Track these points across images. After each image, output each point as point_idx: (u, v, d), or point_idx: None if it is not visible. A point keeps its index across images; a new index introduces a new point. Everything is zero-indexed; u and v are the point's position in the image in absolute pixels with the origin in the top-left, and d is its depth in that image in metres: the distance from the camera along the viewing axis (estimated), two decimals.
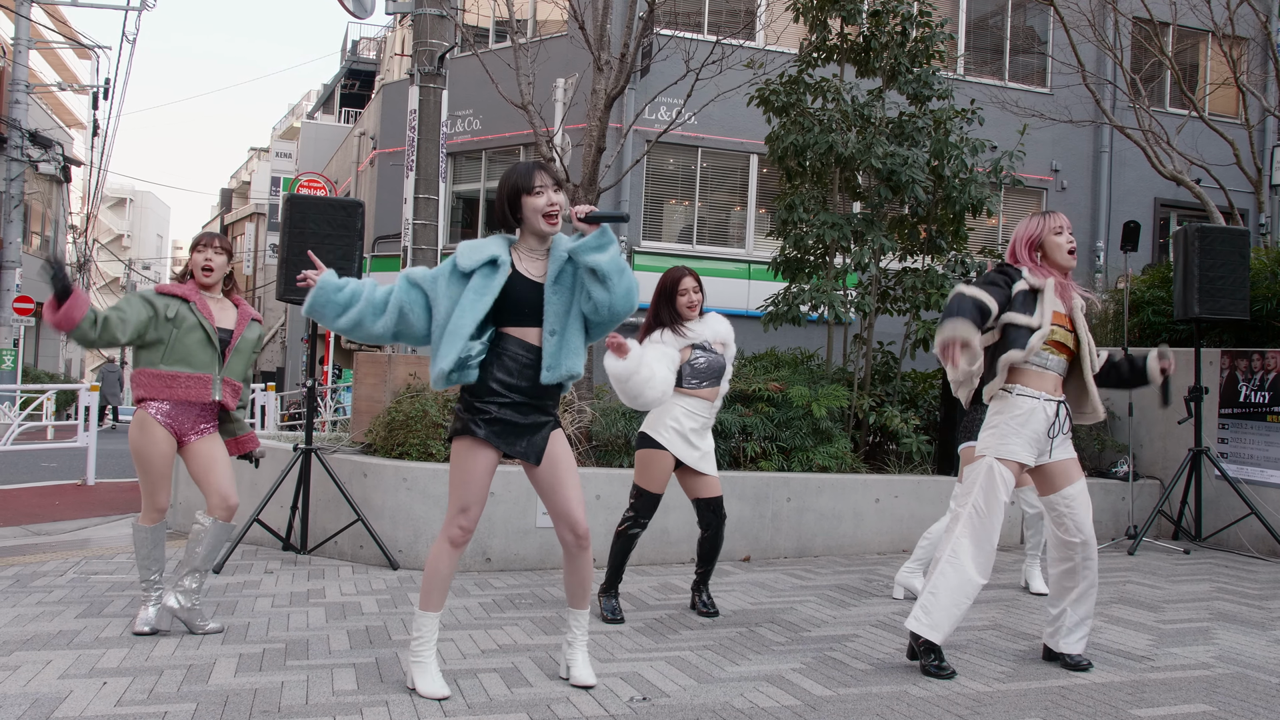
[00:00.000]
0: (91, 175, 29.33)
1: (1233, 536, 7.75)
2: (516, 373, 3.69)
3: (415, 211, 9.57)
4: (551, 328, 3.70)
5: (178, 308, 4.56)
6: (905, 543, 7.25)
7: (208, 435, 4.69)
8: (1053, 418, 4.28)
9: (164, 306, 4.54)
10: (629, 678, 4.10)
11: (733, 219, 18.35)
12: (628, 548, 5.20)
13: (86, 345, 4.52)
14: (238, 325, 4.76)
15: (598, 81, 8.80)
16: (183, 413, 4.59)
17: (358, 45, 35.51)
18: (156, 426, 4.53)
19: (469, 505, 3.73)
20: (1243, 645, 4.91)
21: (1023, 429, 4.25)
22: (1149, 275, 9.76)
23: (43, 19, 25.94)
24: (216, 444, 4.71)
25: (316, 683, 3.92)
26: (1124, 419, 8.43)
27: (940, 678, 4.18)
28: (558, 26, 17.91)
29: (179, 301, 4.59)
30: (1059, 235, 4.36)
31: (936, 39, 8.53)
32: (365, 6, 10.66)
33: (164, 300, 4.57)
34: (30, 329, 25.67)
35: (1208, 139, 14.02)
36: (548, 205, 3.70)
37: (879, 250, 8.03)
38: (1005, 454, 4.25)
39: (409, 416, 6.61)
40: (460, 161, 19.35)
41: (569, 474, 3.86)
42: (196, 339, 4.57)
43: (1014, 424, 4.27)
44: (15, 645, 4.27)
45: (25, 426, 11.92)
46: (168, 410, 4.55)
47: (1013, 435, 4.26)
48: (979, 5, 19.70)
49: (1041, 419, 4.27)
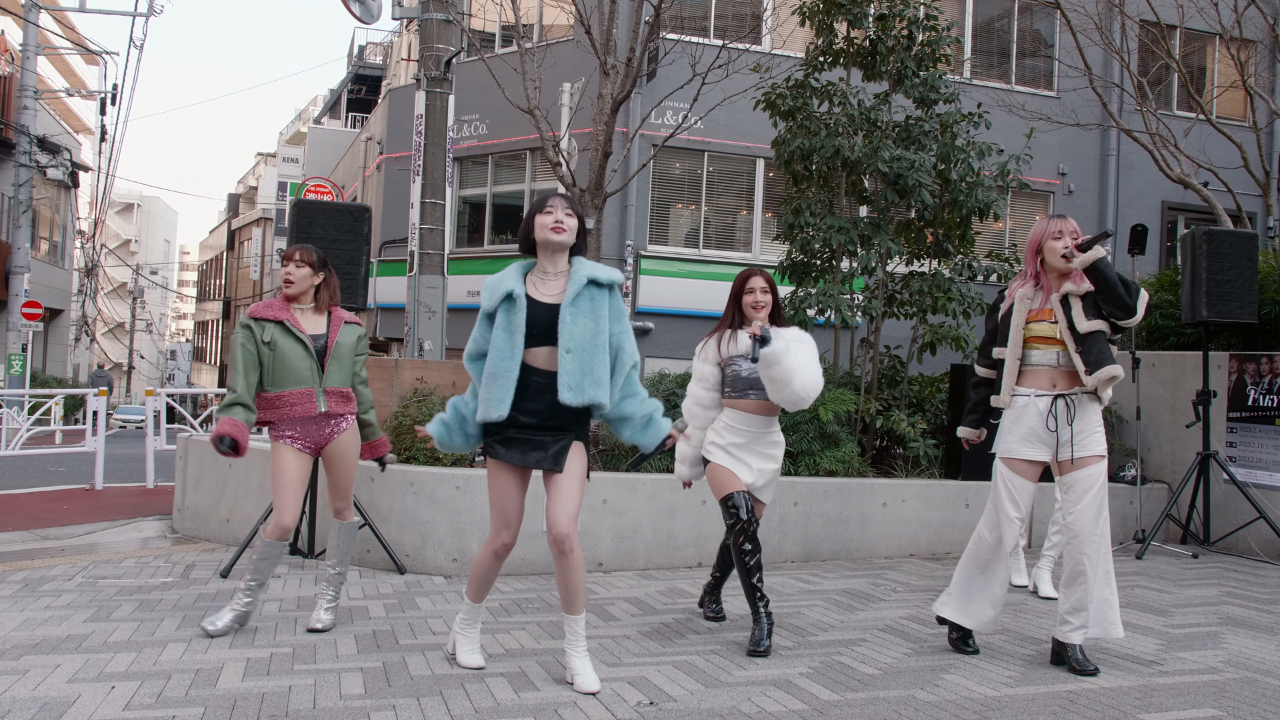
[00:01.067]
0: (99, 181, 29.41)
1: (1241, 540, 7.73)
2: (533, 395, 3.84)
3: (422, 216, 9.59)
4: (567, 346, 3.82)
5: (271, 331, 4.67)
6: (912, 547, 7.24)
7: (338, 437, 4.79)
8: (1046, 411, 4.46)
9: (259, 331, 4.66)
10: (636, 682, 4.10)
11: (739, 223, 18.35)
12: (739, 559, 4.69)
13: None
14: (330, 332, 4.79)
15: (604, 86, 8.82)
16: (304, 426, 4.70)
17: (364, 50, 35.61)
18: (283, 448, 4.67)
19: (509, 522, 4.00)
20: (1252, 650, 4.89)
21: (1016, 426, 4.52)
22: (1157, 278, 9.74)
23: (51, 25, 26.04)
24: (341, 448, 4.80)
25: (324, 687, 3.92)
26: (1132, 423, 8.41)
27: (962, 653, 4.65)
28: (564, 31, 17.93)
29: (272, 324, 4.68)
30: (1057, 240, 4.51)
31: (943, 43, 8.53)
32: (372, 11, 10.69)
33: (259, 325, 4.67)
34: (38, 334, 25.73)
35: (1215, 142, 13.99)
36: (554, 221, 3.92)
37: (885, 254, 8.02)
38: (1003, 451, 4.57)
39: (416, 421, 6.62)
40: (467, 166, 19.37)
41: (566, 481, 3.93)
42: (296, 354, 4.66)
43: (1008, 423, 4.58)
44: (24, 649, 4.28)
45: (34, 431, 11.95)
46: (291, 429, 4.68)
47: (1008, 433, 4.56)
48: (985, 9, 19.69)
49: (1034, 414, 4.48)
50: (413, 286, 9.73)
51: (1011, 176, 8.25)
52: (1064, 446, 4.45)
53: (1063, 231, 4.50)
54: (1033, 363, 4.52)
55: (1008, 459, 4.54)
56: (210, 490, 7.40)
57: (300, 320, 4.75)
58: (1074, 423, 4.45)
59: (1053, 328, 4.49)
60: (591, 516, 6.41)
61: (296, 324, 4.70)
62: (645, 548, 6.56)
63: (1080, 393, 4.48)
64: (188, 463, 7.65)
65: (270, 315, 4.69)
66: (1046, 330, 4.50)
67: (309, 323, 4.78)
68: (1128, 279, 4.44)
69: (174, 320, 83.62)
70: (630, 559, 6.52)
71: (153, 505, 8.99)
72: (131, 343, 54.22)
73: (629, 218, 17.19)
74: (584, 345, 3.84)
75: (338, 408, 4.77)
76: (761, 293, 4.85)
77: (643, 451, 4.24)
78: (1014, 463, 4.52)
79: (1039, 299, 4.57)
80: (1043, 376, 4.50)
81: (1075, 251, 4.42)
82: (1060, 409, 4.46)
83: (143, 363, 58.52)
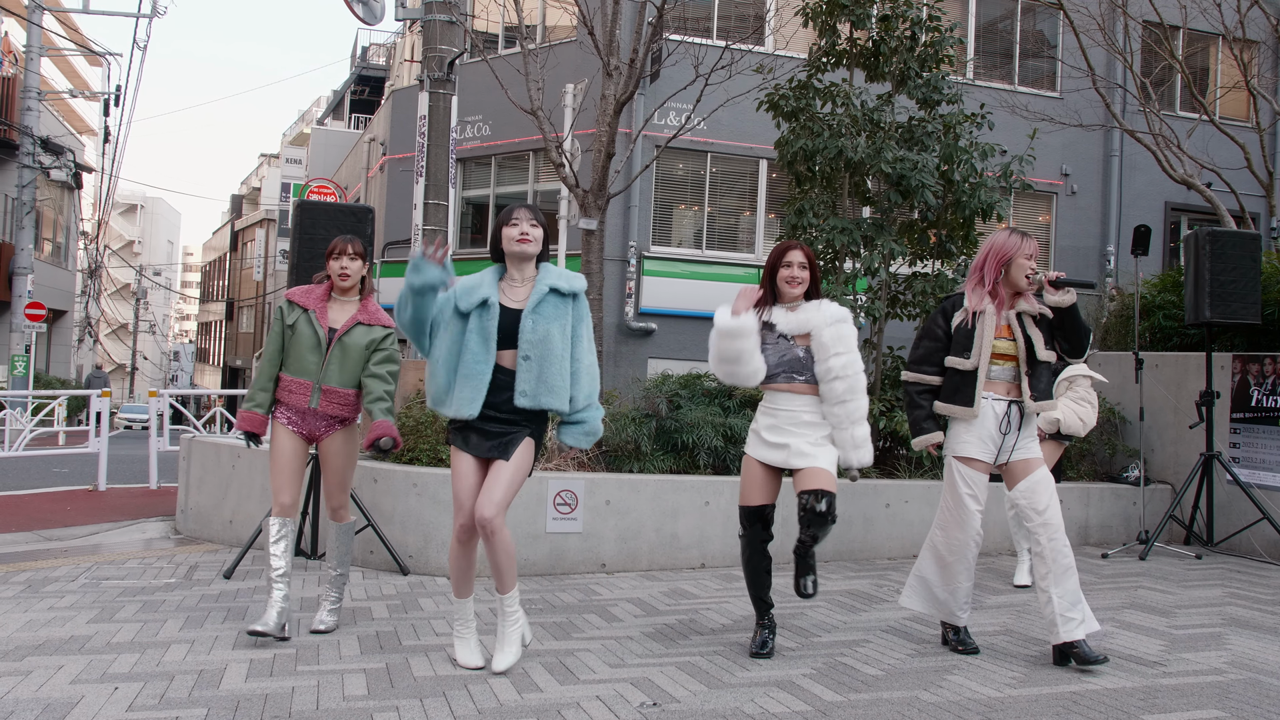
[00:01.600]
0: (102, 182, 29.43)
1: (1245, 541, 7.72)
2: (494, 390, 4.09)
3: (425, 217, 9.59)
4: (525, 353, 4.08)
5: (297, 316, 4.76)
6: (916, 548, 7.24)
7: (330, 436, 4.80)
8: (1002, 415, 4.63)
9: (288, 313, 4.78)
10: (639, 683, 4.10)
11: (742, 224, 18.34)
12: (747, 568, 4.65)
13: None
14: (342, 325, 4.75)
15: (607, 87, 8.82)
16: (301, 414, 4.74)
17: (368, 51, 35.64)
18: (279, 428, 4.76)
19: (463, 505, 4.17)
20: (1255, 650, 4.88)
21: (973, 428, 4.65)
22: (1160, 279, 9.73)
23: (54, 26, 26.08)
24: (333, 446, 4.81)
25: (327, 688, 3.93)
26: (1135, 424, 8.41)
27: (963, 653, 4.67)
28: (567, 32, 17.93)
29: (299, 310, 4.77)
30: (1029, 260, 4.64)
31: (946, 43, 8.52)
32: (375, 12, 10.70)
33: (290, 308, 4.79)
34: (42, 335, 25.76)
35: (1218, 143, 13.97)
36: (519, 233, 4.16)
37: (889, 255, 8.02)
38: (961, 452, 4.68)
39: (419, 422, 6.63)
40: (470, 167, 19.37)
41: (502, 470, 4.11)
42: (308, 344, 4.71)
43: (963, 425, 4.69)
44: (27, 650, 4.29)
45: (37, 432, 11.97)
46: (289, 414, 4.75)
47: (964, 434, 4.67)
48: (988, 9, 19.68)
49: (991, 416, 4.63)
50: None
51: (1015, 177, 8.25)
52: (1004, 452, 4.66)
53: (1034, 254, 4.67)
54: (992, 376, 4.68)
55: (967, 459, 4.66)
56: (213, 491, 7.41)
57: (330, 312, 4.78)
58: (1021, 429, 4.67)
59: (1011, 344, 4.66)
60: (595, 517, 6.41)
61: (321, 318, 4.74)
62: (648, 549, 6.56)
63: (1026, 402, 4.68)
64: (191, 464, 7.66)
65: (302, 301, 4.78)
66: (1006, 348, 4.66)
67: (341, 314, 4.80)
68: (1087, 326, 4.67)
69: (177, 321, 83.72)
70: (633, 560, 6.52)
71: (156, 506, 9.00)
72: (135, 344, 54.29)
73: (632, 219, 17.19)
74: (542, 353, 4.09)
75: (331, 409, 4.72)
76: (799, 268, 4.57)
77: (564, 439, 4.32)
78: (972, 461, 4.66)
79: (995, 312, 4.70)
80: (1000, 387, 4.68)
81: (1048, 286, 4.56)
82: (1015, 414, 4.66)
83: (146, 364, 58.59)
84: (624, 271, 17.08)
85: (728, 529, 6.67)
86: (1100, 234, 19.65)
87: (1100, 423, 8.40)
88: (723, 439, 6.98)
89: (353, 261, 4.79)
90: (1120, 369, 8.80)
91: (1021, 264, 4.61)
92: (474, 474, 4.18)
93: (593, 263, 9.13)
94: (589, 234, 9.22)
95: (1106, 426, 8.49)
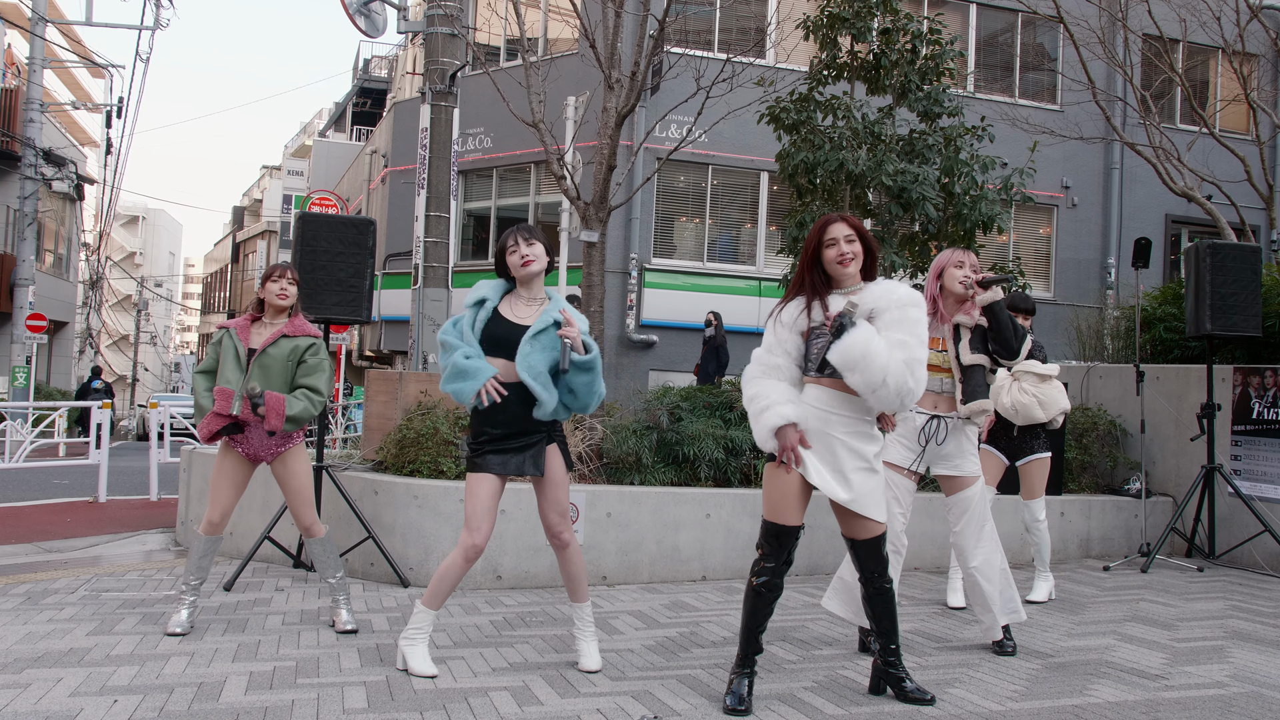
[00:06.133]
0: (104, 193, 29.48)
1: (1246, 554, 7.70)
2: (500, 405, 4.18)
3: (426, 229, 9.60)
4: (533, 374, 4.19)
5: (221, 336, 5.03)
6: (916, 560, 7.22)
7: (278, 458, 5.02)
8: (920, 427, 4.78)
9: (217, 338, 5.05)
10: (640, 696, 4.09)
11: (743, 236, 18.36)
12: (754, 606, 3.94)
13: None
14: (264, 341, 4.96)
15: (608, 99, 8.83)
16: (247, 435, 4.94)
17: (369, 64, 35.74)
18: (223, 445, 5.00)
19: (478, 525, 4.23)
20: (1258, 664, 4.87)
21: (898, 435, 4.79)
22: (1161, 292, 9.73)
23: (57, 38, 26.16)
24: (285, 468, 5.03)
25: (327, 701, 3.92)
26: (1136, 436, 8.40)
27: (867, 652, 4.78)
28: (569, 45, 17.99)
29: (224, 332, 5.04)
30: (959, 269, 4.80)
31: (946, 56, 8.55)
32: (377, 25, 10.74)
33: (219, 334, 5.06)
34: (43, 346, 25.77)
35: (1218, 155, 14.00)
36: (521, 258, 4.32)
37: (889, 267, 8.02)
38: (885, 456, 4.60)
39: (420, 434, 6.61)
40: (471, 179, 19.42)
41: (550, 487, 4.36)
42: (230, 361, 4.92)
43: (895, 433, 4.77)
44: (26, 663, 4.28)
45: (37, 444, 11.96)
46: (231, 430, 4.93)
47: (893, 440, 4.79)
48: (989, 22, 19.75)
49: (911, 425, 4.79)
50: (417, 299, 9.74)
51: (1015, 190, 8.27)
52: (921, 462, 4.82)
53: (964, 262, 4.81)
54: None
55: (887, 462, 4.70)
56: None
57: (255, 332, 5.00)
58: (942, 444, 4.78)
59: (941, 355, 4.79)
60: (595, 529, 6.40)
61: (242, 336, 4.96)
62: (649, 561, 6.55)
63: (955, 418, 4.80)
64: (191, 476, 7.65)
65: (228, 325, 5.06)
66: (935, 359, 4.76)
67: (267, 333, 5.00)
68: (1017, 324, 4.75)
69: (178, 332, 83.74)
70: (634, 572, 6.51)
71: (156, 518, 8.99)
72: (136, 355, 54.27)
73: (633, 231, 17.22)
74: (541, 373, 4.21)
75: (250, 415, 4.84)
76: (846, 241, 3.85)
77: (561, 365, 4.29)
78: (893, 465, 4.77)
79: (933, 326, 4.80)
80: (926, 399, 4.78)
81: (975, 285, 4.69)
82: (933, 428, 4.78)
83: (147, 375, 58.57)
84: (625, 284, 17.10)
85: (729, 541, 6.66)
86: (1101, 246, 19.69)
87: (1101, 435, 8.40)
88: (724, 451, 6.97)
89: (291, 285, 5.06)
90: (1121, 381, 8.80)
91: (953, 272, 4.79)
92: (492, 496, 4.27)
93: (594, 275, 9.14)
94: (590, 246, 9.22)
95: (1108, 439, 8.48)
